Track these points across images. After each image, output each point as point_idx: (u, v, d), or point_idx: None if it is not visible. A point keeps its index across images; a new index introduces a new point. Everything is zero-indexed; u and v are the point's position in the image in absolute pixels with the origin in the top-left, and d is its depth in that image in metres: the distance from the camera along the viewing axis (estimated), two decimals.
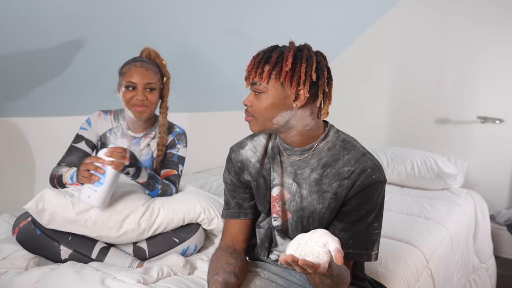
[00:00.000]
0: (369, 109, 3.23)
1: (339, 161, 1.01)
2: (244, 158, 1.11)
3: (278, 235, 1.09)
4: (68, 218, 1.25)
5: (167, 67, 1.55)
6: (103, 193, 1.21)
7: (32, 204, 1.23)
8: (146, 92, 1.44)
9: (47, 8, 1.49)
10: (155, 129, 1.57)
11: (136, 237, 1.34)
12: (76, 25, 1.66)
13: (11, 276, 1.20)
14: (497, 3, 2.62)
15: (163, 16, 1.89)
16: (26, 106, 1.92)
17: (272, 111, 0.98)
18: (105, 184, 1.21)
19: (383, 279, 1.36)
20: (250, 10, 2.16)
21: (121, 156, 1.23)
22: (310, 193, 1.03)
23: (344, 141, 1.04)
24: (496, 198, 2.71)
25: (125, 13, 1.74)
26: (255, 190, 1.11)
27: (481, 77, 2.72)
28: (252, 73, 0.97)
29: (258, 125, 1.01)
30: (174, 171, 1.54)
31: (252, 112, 1.00)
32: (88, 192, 1.21)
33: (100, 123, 1.54)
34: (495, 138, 2.70)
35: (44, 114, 2.04)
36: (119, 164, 1.23)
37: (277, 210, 1.07)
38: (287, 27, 2.47)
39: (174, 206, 1.39)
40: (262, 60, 0.97)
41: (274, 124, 1.00)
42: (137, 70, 1.42)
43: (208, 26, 2.12)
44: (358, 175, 0.98)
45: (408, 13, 2.97)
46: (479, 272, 2.31)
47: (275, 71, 0.95)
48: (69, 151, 1.50)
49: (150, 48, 1.52)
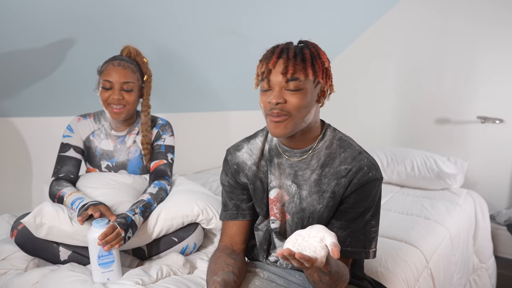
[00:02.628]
0: (369, 109, 3.23)
1: (336, 159, 1.01)
2: (240, 160, 1.10)
3: (276, 238, 1.09)
4: (66, 233, 1.24)
5: (148, 65, 1.53)
6: (117, 267, 1.18)
7: (30, 218, 1.21)
8: (122, 91, 1.41)
9: (45, 6, 1.49)
10: (138, 125, 1.55)
11: (136, 244, 1.34)
12: (76, 24, 1.66)
13: (10, 277, 1.20)
14: (497, 3, 2.61)
15: (161, 18, 1.89)
16: (26, 106, 1.92)
17: (307, 109, 0.95)
18: (116, 260, 1.18)
19: (383, 279, 1.36)
20: (248, 10, 2.16)
21: (115, 237, 1.16)
22: (310, 194, 1.02)
23: (341, 139, 1.04)
24: (496, 198, 2.71)
25: (125, 13, 1.74)
26: (252, 192, 1.10)
27: (481, 77, 2.72)
28: (291, 69, 0.91)
29: (291, 125, 0.94)
30: (163, 161, 1.53)
31: (289, 110, 0.93)
32: (105, 276, 1.16)
33: (81, 128, 1.52)
34: (495, 138, 2.70)
35: (44, 114, 2.04)
36: (119, 241, 1.17)
37: (275, 212, 1.07)
38: (286, 27, 2.47)
39: (172, 212, 1.38)
40: (296, 56, 0.93)
41: (303, 123, 0.97)
42: (114, 69, 1.40)
43: (205, 26, 2.12)
44: (355, 173, 0.98)
45: (408, 13, 2.96)
46: (479, 272, 2.31)
47: (315, 67, 0.94)
48: (60, 161, 1.47)
49: (130, 46, 1.50)
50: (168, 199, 1.45)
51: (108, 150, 1.52)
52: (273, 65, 0.93)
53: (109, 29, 1.78)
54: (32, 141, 2.01)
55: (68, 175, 1.45)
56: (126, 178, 1.50)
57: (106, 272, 1.16)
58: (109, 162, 1.52)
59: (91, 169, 1.55)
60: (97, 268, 1.15)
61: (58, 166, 1.47)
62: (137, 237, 1.32)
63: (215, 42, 2.29)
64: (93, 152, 1.53)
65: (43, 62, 1.75)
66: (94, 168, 1.54)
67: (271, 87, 0.94)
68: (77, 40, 1.74)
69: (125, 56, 1.48)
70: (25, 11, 1.46)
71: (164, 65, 2.22)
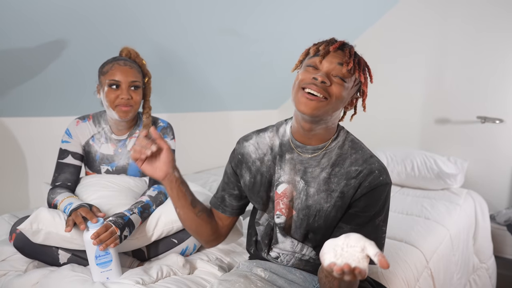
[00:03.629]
0: (369, 109, 3.21)
1: (347, 160, 1.01)
2: (246, 151, 1.11)
3: (279, 233, 1.09)
4: (64, 238, 1.23)
5: (147, 67, 1.51)
6: (116, 266, 1.18)
7: (26, 225, 1.20)
8: (130, 90, 1.39)
9: (43, 3, 1.48)
10: (139, 128, 1.53)
11: (136, 246, 1.34)
12: (74, 22, 1.65)
13: (10, 278, 1.19)
14: (497, 4, 2.61)
15: (162, 18, 1.89)
16: (24, 106, 1.92)
17: (341, 103, 0.97)
18: (114, 259, 1.17)
19: (383, 279, 1.36)
20: (248, 10, 2.16)
21: (109, 236, 1.15)
22: (318, 192, 1.02)
23: (353, 141, 1.05)
24: (496, 198, 2.71)
25: (125, 12, 1.74)
26: (250, 186, 1.10)
27: (481, 77, 2.72)
28: (351, 62, 0.94)
29: (322, 108, 0.93)
30: None
31: (330, 93, 0.93)
32: (104, 276, 1.16)
33: (80, 132, 1.48)
34: (495, 138, 2.70)
35: (44, 114, 2.04)
36: (114, 240, 1.16)
37: (281, 207, 1.07)
38: (287, 28, 2.47)
39: (172, 215, 1.35)
40: (355, 56, 0.97)
41: (330, 116, 0.97)
42: (120, 68, 1.38)
43: (207, 26, 2.12)
44: (366, 176, 0.98)
45: (407, 14, 2.96)
46: (479, 272, 2.31)
47: (364, 74, 0.99)
48: (59, 168, 1.45)
49: (129, 48, 1.48)
50: (168, 202, 1.44)
51: (108, 154, 1.50)
52: (334, 49, 0.95)
53: (108, 28, 1.77)
54: (30, 141, 2.01)
55: (65, 183, 1.43)
56: (126, 180, 1.49)
57: (105, 272, 1.16)
58: (109, 166, 1.51)
59: (91, 174, 1.54)
60: (95, 268, 1.15)
61: (56, 174, 1.45)
62: (137, 240, 1.31)
63: (216, 42, 2.29)
64: (92, 157, 1.50)
65: (40, 61, 1.74)
66: (94, 173, 1.52)
67: (320, 67, 0.95)
68: (75, 39, 1.73)
69: (124, 57, 1.48)
70: (24, 8, 1.45)
71: (165, 65, 2.22)
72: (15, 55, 1.64)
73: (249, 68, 2.75)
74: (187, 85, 2.56)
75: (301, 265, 1.12)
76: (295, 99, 0.96)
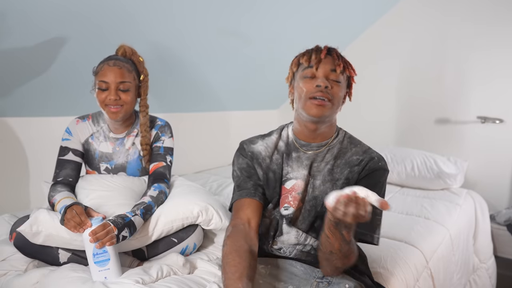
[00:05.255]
0: (369, 109, 3.23)
1: (348, 153, 1.14)
2: (256, 151, 1.20)
3: (285, 223, 1.15)
4: (64, 239, 1.23)
5: (144, 64, 1.51)
6: (115, 265, 1.18)
7: (26, 227, 1.20)
8: (119, 91, 1.39)
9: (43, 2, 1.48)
10: (137, 126, 1.54)
11: (135, 246, 1.34)
12: (73, 22, 1.65)
13: (10, 278, 1.19)
14: (497, 3, 2.61)
15: (160, 18, 1.90)
16: (24, 106, 1.92)
17: (341, 100, 1.12)
18: (112, 258, 1.17)
19: (382, 279, 1.36)
20: (248, 10, 2.16)
21: (105, 234, 1.15)
22: (324, 182, 1.12)
23: (351, 137, 1.20)
24: (496, 198, 2.71)
25: (125, 12, 1.74)
26: (265, 182, 1.18)
27: (481, 77, 2.72)
28: (341, 63, 1.08)
29: (329, 109, 1.08)
30: (162, 163, 1.51)
31: (333, 95, 1.08)
32: (102, 275, 1.16)
33: (80, 130, 1.50)
34: (495, 138, 2.70)
35: (44, 114, 2.04)
36: (111, 239, 1.15)
37: (289, 200, 1.15)
38: (285, 28, 2.46)
39: (171, 214, 1.37)
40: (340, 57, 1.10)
41: (334, 113, 1.12)
42: (109, 69, 1.38)
43: (205, 26, 2.12)
44: (367, 162, 1.12)
45: (407, 14, 2.96)
46: (479, 272, 2.31)
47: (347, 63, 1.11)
48: (60, 165, 1.46)
49: (126, 45, 1.48)
50: (167, 202, 1.45)
51: (107, 152, 1.51)
52: (324, 56, 1.08)
53: (107, 28, 1.77)
54: (31, 141, 2.01)
55: (66, 178, 1.44)
56: (125, 180, 1.49)
57: (103, 271, 1.16)
58: (108, 164, 1.52)
59: (90, 172, 1.54)
60: (93, 266, 1.16)
61: (57, 170, 1.46)
62: (136, 240, 1.31)
63: (214, 42, 2.29)
64: (92, 155, 1.52)
65: (40, 61, 1.75)
66: (93, 171, 1.53)
67: (317, 75, 1.08)
68: (75, 38, 1.73)
69: (120, 55, 1.47)
70: (26, 8, 1.46)
71: (164, 65, 2.22)
72: (16, 55, 1.64)
73: (249, 67, 2.75)
74: (187, 85, 2.56)
75: (303, 256, 1.16)
76: (304, 107, 1.08)
